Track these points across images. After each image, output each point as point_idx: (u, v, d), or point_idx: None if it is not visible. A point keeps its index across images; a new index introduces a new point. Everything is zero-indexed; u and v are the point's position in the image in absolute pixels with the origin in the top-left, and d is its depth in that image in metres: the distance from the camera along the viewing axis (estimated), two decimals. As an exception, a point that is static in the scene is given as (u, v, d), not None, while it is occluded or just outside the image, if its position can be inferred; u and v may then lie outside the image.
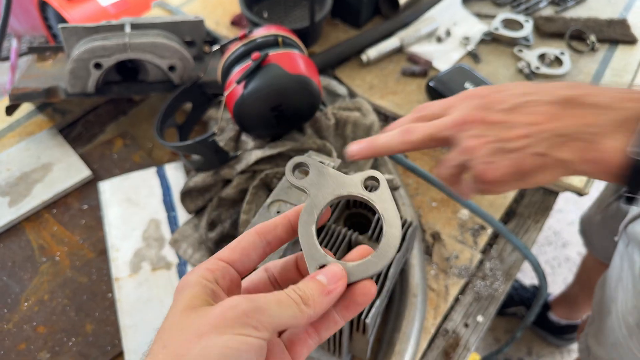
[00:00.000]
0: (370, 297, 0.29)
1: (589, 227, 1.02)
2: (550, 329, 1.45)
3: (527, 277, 1.59)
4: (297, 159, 0.32)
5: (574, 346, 1.49)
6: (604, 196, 0.96)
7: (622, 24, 0.93)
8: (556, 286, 1.63)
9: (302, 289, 0.27)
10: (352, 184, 0.31)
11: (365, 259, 0.29)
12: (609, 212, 0.90)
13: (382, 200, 0.31)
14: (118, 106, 0.85)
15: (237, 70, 0.61)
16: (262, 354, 0.25)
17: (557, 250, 1.72)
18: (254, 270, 0.32)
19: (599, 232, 0.97)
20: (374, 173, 0.31)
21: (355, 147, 0.45)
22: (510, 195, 0.73)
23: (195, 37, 0.80)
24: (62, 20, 1.43)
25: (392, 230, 0.30)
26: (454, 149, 0.40)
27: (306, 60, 0.63)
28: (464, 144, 0.39)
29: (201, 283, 0.27)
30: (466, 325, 0.62)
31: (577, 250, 1.75)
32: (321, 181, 0.31)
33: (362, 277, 0.29)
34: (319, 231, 0.49)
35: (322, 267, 0.29)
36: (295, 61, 0.61)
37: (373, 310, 0.45)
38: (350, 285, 0.29)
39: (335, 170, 0.32)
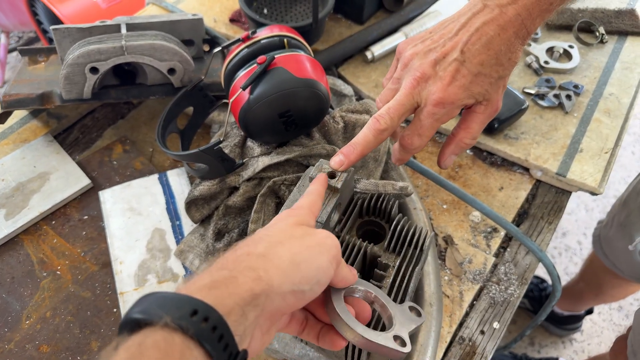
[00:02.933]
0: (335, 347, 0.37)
1: (604, 238, 1.01)
2: (552, 320, 1.45)
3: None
4: None
5: (576, 335, 1.50)
6: (618, 210, 0.94)
7: (631, 14, 0.91)
8: (558, 276, 1.63)
9: None
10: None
11: (374, 334, 0.35)
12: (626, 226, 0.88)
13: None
14: (116, 109, 0.81)
15: (242, 75, 0.59)
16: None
17: (556, 239, 1.72)
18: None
19: (613, 244, 0.95)
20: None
21: (337, 159, 0.47)
22: (522, 195, 0.72)
23: (193, 36, 0.76)
24: (52, 15, 1.38)
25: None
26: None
27: (313, 62, 0.60)
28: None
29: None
30: (482, 333, 0.61)
31: (576, 239, 1.75)
32: None
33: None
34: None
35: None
36: (302, 64, 0.58)
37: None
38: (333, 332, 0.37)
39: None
